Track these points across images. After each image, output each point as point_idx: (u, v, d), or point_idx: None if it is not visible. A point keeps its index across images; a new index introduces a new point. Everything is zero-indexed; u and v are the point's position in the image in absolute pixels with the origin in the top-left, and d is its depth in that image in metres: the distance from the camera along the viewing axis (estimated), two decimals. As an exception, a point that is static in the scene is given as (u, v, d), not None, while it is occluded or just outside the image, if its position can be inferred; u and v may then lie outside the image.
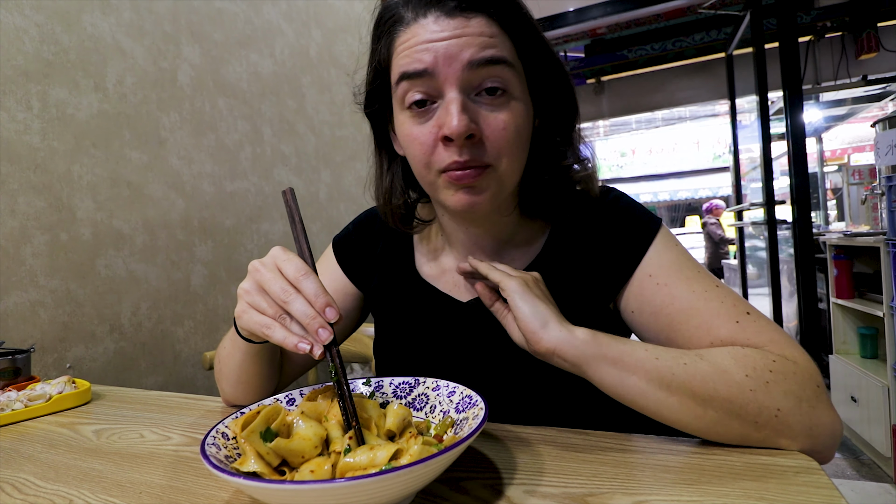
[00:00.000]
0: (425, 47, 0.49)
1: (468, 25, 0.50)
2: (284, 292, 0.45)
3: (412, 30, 0.51)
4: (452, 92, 0.50)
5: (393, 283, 0.68)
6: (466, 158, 0.50)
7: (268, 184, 1.74)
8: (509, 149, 0.52)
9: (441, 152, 0.51)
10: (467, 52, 0.49)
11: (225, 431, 0.45)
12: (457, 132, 0.49)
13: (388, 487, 0.35)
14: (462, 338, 0.62)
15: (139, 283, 1.29)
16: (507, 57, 0.51)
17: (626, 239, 0.59)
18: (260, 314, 0.47)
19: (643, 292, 0.57)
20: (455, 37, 0.49)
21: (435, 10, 0.50)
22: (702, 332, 0.52)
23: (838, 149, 6.73)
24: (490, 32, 0.50)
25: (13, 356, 0.82)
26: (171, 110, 1.41)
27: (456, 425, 0.47)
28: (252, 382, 0.65)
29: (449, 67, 0.49)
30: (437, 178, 0.53)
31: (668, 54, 4.18)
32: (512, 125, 0.52)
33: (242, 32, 1.68)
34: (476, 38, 0.50)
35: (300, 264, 0.46)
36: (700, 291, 0.54)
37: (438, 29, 0.49)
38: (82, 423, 0.69)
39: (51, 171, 1.12)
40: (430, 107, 0.51)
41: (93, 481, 0.50)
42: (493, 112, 0.51)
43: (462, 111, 0.49)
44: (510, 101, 0.52)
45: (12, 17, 1.07)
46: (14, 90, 1.07)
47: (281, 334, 0.45)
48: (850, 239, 2.26)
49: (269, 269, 0.47)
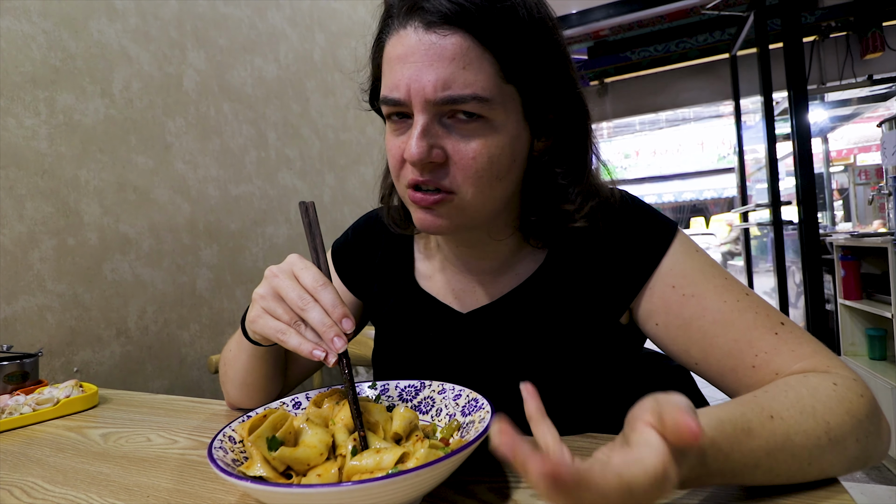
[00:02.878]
0: (400, 69, 0.47)
1: (442, 46, 0.46)
2: (302, 300, 0.46)
3: (394, 41, 0.49)
4: (419, 115, 0.47)
5: (392, 292, 0.67)
6: (426, 179, 0.49)
7: (272, 187, 1.75)
8: (477, 178, 0.49)
9: (407, 167, 0.50)
10: (432, 84, 0.46)
11: (232, 435, 0.45)
12: (412, 159, 0.47)
13: (394, 491, 0.35)
14: (461, 348, 0.61)
15: (145, 287, 1.30)
16: (476, 92, 0.46)
17: (639, 244, 0.56)
18: (275, 320, 0.47)
19: (668, 305, 0.54)
20: (425, 61, 0.46)
21: (414, 20, 0.47)
22: (741, 345, 0.50)
23: (844, 149, 6.69)
24: (464, 55, 0.46)
25: (21, 360, 0.83)
26: (177, 115, 1.42)
27: (462, 428, 0.47)
28: (257, 385, 0.65)
29: (416, 96, 0.47)
30: (405, 192, 0.52)
31: (672, 55, 4.18)
32: (484, 154, 0.48)
33: (247, 37, 1.69)
34: (446, 66, 0.46)
35: (318, 274, 0.47)
36: (732, 302, 0.52)
37: (413, 45, 0.47)
38: (89, 426, 0.69)
39: (58, 176, 1.13)
40: (406, 121, 0.50)
41: (100, 485, 0.50)
42: (464, 139, 0.48)
43: (421, 137, 0.47)
44: (486, 128, 0.48)
45: (20, 24, 1.08)
46: (22, 96, 1.08)
47: (296, 340, 0.45)
48: (858, 239, 2.25)
49: (287, 276, 0.47)
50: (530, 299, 0.59)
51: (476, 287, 0.62)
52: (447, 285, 0.64)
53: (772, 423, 0.39)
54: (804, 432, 0.40)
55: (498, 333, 0.59)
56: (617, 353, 0.59)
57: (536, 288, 0.59)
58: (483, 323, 0.60)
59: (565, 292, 0.58)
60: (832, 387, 0.44)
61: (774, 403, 0.41)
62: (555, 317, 0.58)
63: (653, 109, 4.91)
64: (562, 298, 0.58)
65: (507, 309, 0.59)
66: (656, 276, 0.55)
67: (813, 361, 0.48)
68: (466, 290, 0.62)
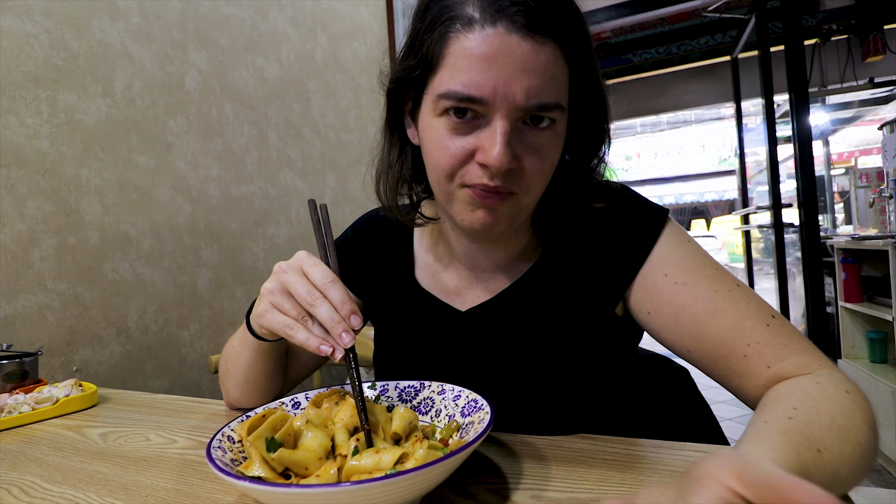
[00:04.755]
0: (485, 70, 0.45)
1: (537, 55, 0.45)
2: (311, 295, 0.46)
3: (475, 37, 0.45)
4: (502, 121, 0.46)
5: (392, 291, 0.67)
6: (498, 184, 0.48)
7: (273, 188, 1.75)
8: (540, 183, 0.51)
9: (473, 170, 0.49)
10: (524, 92, 0.45)
11: (231, 435, 0.45)
12: (497, 166, 0.46)
13: (393, 491, 0.35)
14: (461, 347, 0.61)
15: (146, 287, 1.30)
16: (560, 101, 0.48)
17: (631, 233, 0.57)
18: (283, 314, 0.48)
19: (660, 293, 0.54)
20: (519, 67, 0.45)
21: (505, 20, 0.45)
22: (734, 333, 0.50)
23: (845, 152, 6.69)
24: (555, 66, 0.47)
25: (21, 359, 0.83)
26: (179, 115, 1.42)
27: (462, 429, 0.47)
28: (258, 382, 0.65)
29: (504, 101, 0.46)
30: (458, 191, 0.51)
31: (673, 58, 4.18)
32: (549, 161, 0.50)
33: (249, 38, 1.69)
34: (540, 75, 0.46)
35: (327, 271, 0.47)
36: (724, 291, 0.52)
37: (504, 47, 0.45)
38: (89, 426, 0.69)
39: (59, 175, 1.13)
40: (472, 121, 0.48)
41: (99, 484, 0.50)
42: (536, 146, 0.49)
43: (507, 144, 0.46)
44: (553, 135, 0.50)
45: (22, 24, 1.08)
46: (24, 95, 1.08)
47: (303, 335, 0.46)
48: (858, 242, 2.24)
49: (296, 272, 0.48)
50: (528, 294, 0.59)
51: (475, 283, 0.62)
52: (447, 281, 0.64)
53: (821, 459, 0.37)
54: (847, 463, 0.39)
55: (497, 330, 0.60)
56: (614, 347, 0.59)
57: (534, 282, 0.59)
58: (482, 320, 0.60)
59: (562, 285, 0.58)
60: (846, 395, 0.44)
61: (814, 430, 0.39)
62: (552, 310, 0.58)
63: (654, 112, 4.91)
64: (559, 291, 0.58)
65: (506, 305, 0.60)
66: (648, 265, 0.55)
67: (804, 359, 0.49)
68: (466, 287, 0.63)
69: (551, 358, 0.57)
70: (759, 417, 0.42)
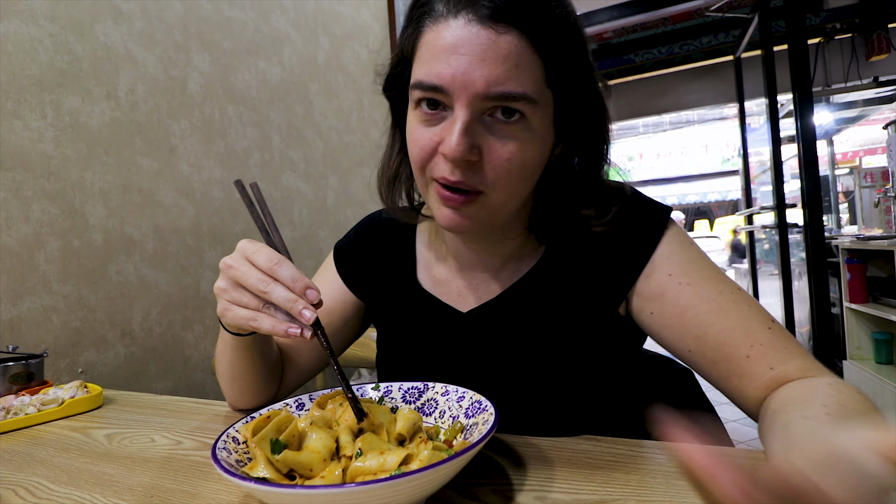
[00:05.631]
0: (446, 59, 0.46)
1: (496, 43, 0.45)
2: (262, 282, 0.45)
3: (438, 28, 0.47)
4: (462, 111, 0.46)
5: (394, 292, 0.67)
6: (458, 179, 0.48)
7: (276, 190, 1.75)
8: (508, 180, 0.49)
9: (439, 162, 0.49)
10: (484, 79, 0.45)
11: (235, 436, 0.45)
12: (452, 156, 0.46)
13: (398, 492, 0.35)
14: (463, 348, 0.61)
15: (150, 289, 1.31)
16: (528, 92, 0.46)
17: (635, 232, 0.56)
18: (243, 308, 0.47)
19: (665, 292, 0.54)
20: (478, 55, 0.45)
21: (466, 11, 0.45)
22: (737, 333, 0.50)
23: (850, 151, 6.66)
24: (518, 55, 0.45)
25: (26, 361, 0.83)
26: (182, 118, 1.43)
27: (466, 430, 0.47)
28: (246, 379, 0.64)
29: (464, 90, 0.45)
30: (430, 185, 0.51)
31: (676, 58, 4.17)
32: (518, 157, 0.48)
33: (251, 40, 1.69)
34: (500, 64, 0.45)
35: (271, 253, 0.46)
36: (727, 293, 0.52)
37: (464, 37, 0.45)
38: (94, 427, 0.70)
39: (64, 178, 1.14)
40: (440, 112, 0.48)
41: (104, 485, 0.50)
42: (502, 139, 0.47)
43: (464, 134, 0.46)
44: (524, 130, 0.48)
45: (27, 28, 1.09)
46: (28, 99, 1.09)
47: (269, 323, 0.45)
48: (863, 242, 2.23)
49: (241, 263, 0.47)
50: (531, 294, 0.59)
51: (478, 284, 0.62)
52: (450, 282, 0.64)
53: None
54: None
55: (500, 331, 0.59)
56: (618, 347, 0.59)
57: (536, 282, 0.59)
58: (485, 321, 0.60)
59: (564, 285, 0.58)
60: (860, 396, 0.44)
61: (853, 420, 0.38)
62: (555, 310, 0.58)
63: (657, 112, 4.91)
64: (561, 291, 0.58)
65: (508, 305, 0.60)
66: (652, 264, 0.55)
67: (804, 362, 0.49)
68: (468, 288, 0.62)
69: (554, 359, 0.57)
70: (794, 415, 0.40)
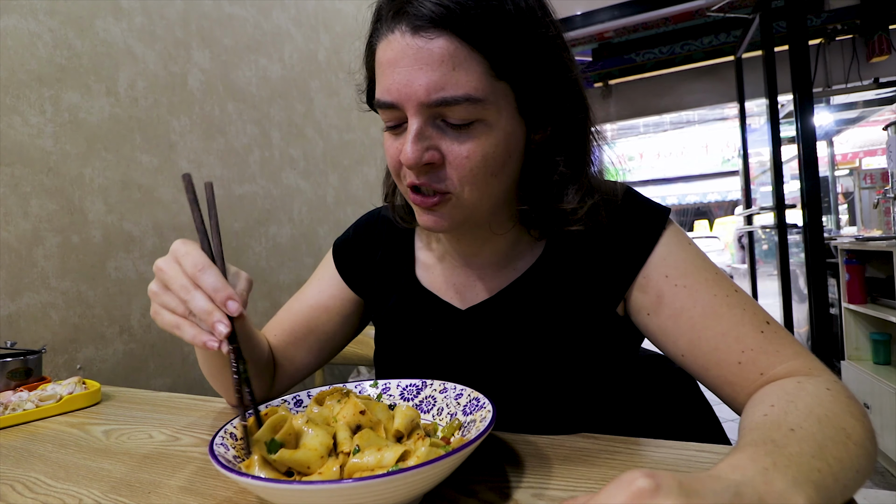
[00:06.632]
0: (391, 74, 0.47)
1: (429, 49, 0.45)
2: (184, 289, 0.44)
3: (382, 46, 0.49)
4: (413, 119, 0.47)
5: (392, 289, 0.68)
6: (423, 182, 0.49)
7: (276, 187, 1.75)
8: (472, 178, 0.49)
9: (406, 169, 0.50)
10: (424, 87, 0.46)
11: (233, 432, 0.45)
12: (407, 164, 0.48)
13: (395, 489, 0.35)
14: (461, 345, 0.61)
15: (148, 285, 1.30)
16: (469, 93, 0.46)
17: (633, 233, 0.56)
18: (171, 314, 0.46)
19: (661, 294, 0.54)
20: (414, 65, 0.46)
21: (399, 25, 0.47)
22: (729, 339, 0.50)
23: (849, 152, 6.67)
24: (452, 57, 0.45)
25: (25, 357, 0.83)
26: (182, 114, 1.42)
27: (463, 427, 0.47)
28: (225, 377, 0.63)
29: (409, 100, 0.47)
30: (407, 192, 0.53)
31: (677, 58, 4.17)
32: (478, 154, 0.48)
33: (252, 37, 1.69)
34: (435, 69, 0.45)
35: (198, 258, 0.45)
36: (722, 296, 0.52)
37: (401, 50, 0.46)
38: (92, 423, 0.70)
39: (63, 174, 1.14)
40: (401, 125, 0.50)
41: (102, 481, 0.50)
42: (459, 140, 0.48)
43: (415, 141, 0.47)
44: (480, 127, 0.48)
45: (26, 23, 1.09)
46: (28, 94, 1.08)
47: (190, 332, 0.44)
48: (862, 243, 2.23)
49: (170, 265, 0.46)
50: (529, 292, 0.59)
51: (476, 281, 0.62)
52: (448, 279, 0.64)
53: (796, 435, 0.36)
54: (833, 442, 0.37)
55: (498, 328, 0.60)
56: (616, 346, 0.59)
57: (535, 280, 0.59)
58: (483, 318, 0.60)
59: (563, 284, 0.58)
60: (827, 392, 0.43)
61: (790, 418, 0.39)
62: (553, 309, 0.58)
63: (657, 112, 4.90)
64: (560, 290, 0.58)
65: (507, 303, 0.60)
66: (650, 265, 0.55)
67: (796, 363, 0.49)
68: (467, 285, 0.63)
69: (552, 357, 0.57)
70: (741, 423, 0.42)
